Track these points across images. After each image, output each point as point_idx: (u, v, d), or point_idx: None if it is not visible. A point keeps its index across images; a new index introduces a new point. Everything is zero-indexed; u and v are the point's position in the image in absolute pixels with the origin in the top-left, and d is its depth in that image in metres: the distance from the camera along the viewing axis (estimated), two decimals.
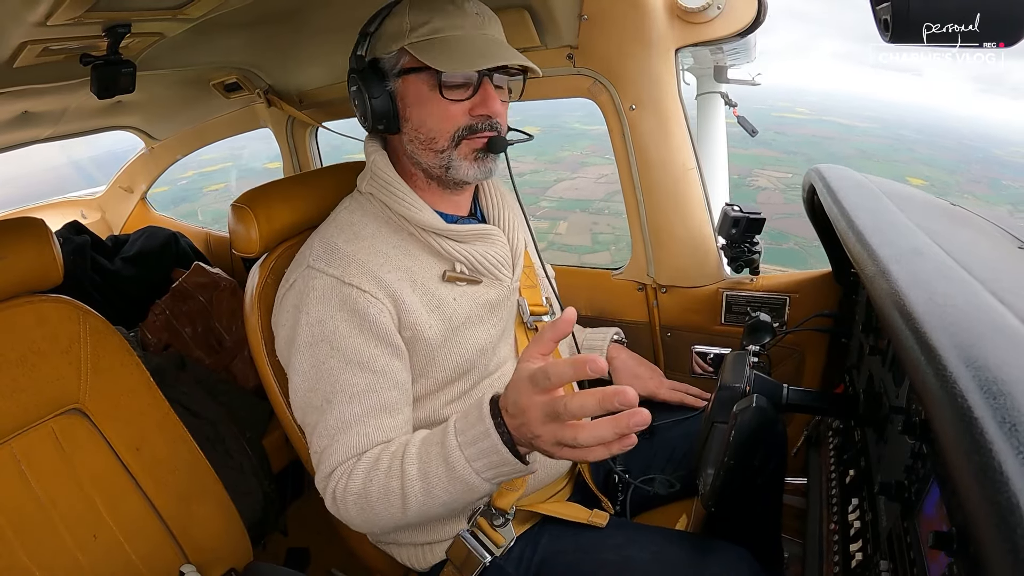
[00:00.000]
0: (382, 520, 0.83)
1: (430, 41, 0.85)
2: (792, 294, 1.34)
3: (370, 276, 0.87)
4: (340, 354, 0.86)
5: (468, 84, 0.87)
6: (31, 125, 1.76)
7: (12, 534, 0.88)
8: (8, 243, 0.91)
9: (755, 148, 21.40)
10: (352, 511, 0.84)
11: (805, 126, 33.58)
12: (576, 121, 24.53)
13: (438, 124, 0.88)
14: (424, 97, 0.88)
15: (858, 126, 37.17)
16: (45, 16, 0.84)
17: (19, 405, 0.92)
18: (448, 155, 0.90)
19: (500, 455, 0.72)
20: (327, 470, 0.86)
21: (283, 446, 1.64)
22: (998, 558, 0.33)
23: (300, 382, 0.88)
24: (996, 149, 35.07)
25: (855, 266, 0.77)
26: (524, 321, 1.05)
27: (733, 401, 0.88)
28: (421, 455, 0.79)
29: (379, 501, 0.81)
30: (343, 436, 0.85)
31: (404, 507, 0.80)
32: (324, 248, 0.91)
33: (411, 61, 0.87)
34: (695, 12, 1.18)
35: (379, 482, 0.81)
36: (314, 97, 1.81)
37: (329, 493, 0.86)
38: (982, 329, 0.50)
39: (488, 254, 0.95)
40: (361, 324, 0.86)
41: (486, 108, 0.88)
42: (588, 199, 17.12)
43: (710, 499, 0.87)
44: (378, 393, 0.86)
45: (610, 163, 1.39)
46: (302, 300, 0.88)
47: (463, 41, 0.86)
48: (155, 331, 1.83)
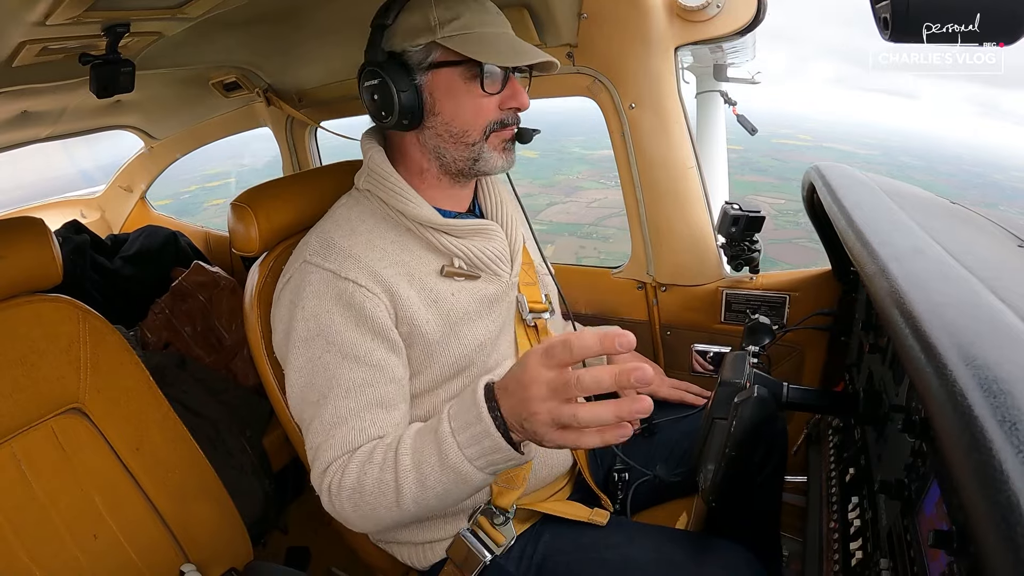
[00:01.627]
0: (377, 515, 0.81)
1: (465, 36, 0.86)
2: (792, 292, 1.34)
3: (366, 270, 0.87)
4: (336, 348, 0.85)
5: (498, 79, 0.89)
6: (30, 125, 1.75)
7: (12, 534, 0.88)
8: (8, 243, 0.91)
9: (750, 175, 21.56)
10: (347, 507, 0.82)
11: (805, 153, 33.77)
12: (576, 146, 24.57)
13: (472, 117, 0.89)
14: (458, 91, 0.89)
15: (859, 153, 37.38)
16: (44, 15, 0.84)
17: (19, 405, 0.92)
18: (479, 148, 0.91)
19: (492, 440, 0.69)
20: (322, 466, 0.84)
21: (283, 445, 1.63)
22: (998, 557, 0.33)
23: (296, 377, 0.88)
24: (997, 174, 35.23)
25: (855, 264, 0.77)
26: (523, 318, 1.05)
27: (733, 397, 0.88)
28: (415, 445, 0.77)
29: (373, 495, 0.79)
30: (338, 431, 0.84)
31: (398, 501, 0.78)
32: (321, 243, 0.90)
33: (444, 55, 0.87)
34: (695, 10, 1.18)
35: (373, 475, 0.79)
36: (313, 96, 1.81)
37: (324, 490, 0.84)
38: (982, 327, 0.50)
39: (486, 249, 0.95)
40: (357, 318, 0.86)
41: (516, 102, 0.91)
42: (578, 223, 17.24)
43: (711, 494, 0.87)
44: (374, 387, 0.86)
45: (604, 187, 1.40)
46: (298, 295, 0.88)
47: (495, 38, 0.88)
48: (155, 330, 1.83)
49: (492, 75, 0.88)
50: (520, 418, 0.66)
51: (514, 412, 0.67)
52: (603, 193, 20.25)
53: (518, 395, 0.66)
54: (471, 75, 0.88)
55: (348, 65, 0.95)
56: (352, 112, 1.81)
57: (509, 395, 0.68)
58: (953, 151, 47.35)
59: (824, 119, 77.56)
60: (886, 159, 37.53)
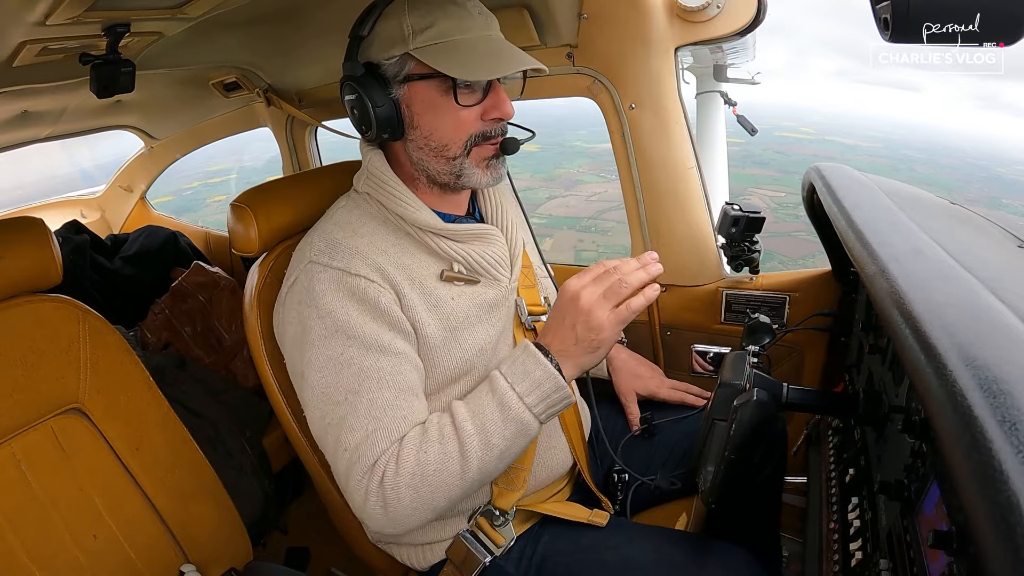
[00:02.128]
0: (437, 497, 0.79)
1: (438, 46, 0.83)
2: (792, 293, 1.34)
3: (373, 266, 0.86)
4: (358, 342, 0.83)
5: (477, 88, 0.86)
6: (30, 124, 1.75)
7: (12, 534, 0.88)
8: (8, 243, 0.91)
9: (752, 168, 21.58)
10: (405, 497, 0.78)
11: (807, 146, 33.80)
12: (578, 140, 24.52)
13: (451, 132, 0.87)
14: (435, 104, 0.86)
15: (861, 146, 37.38)
16: (44, 15, 0.84)
17: (19, 405, 0.92)
18: (460, 162, 0.89)
19: (553, 381, 0.80)
20: (369, 461, 0.79)
21: (283, 445, 1.63)
22: (998, 557, 0.33)
23: (318, 377, 0.84)
24: (1000, 167, 35.22)
25: (855, 265, 0.77)
26: (523, 321, 1.04)
27: (733, 399, 0.88)
28: (471, 409, 0.82)
29: (437, 472, 0.78)
30: (382, 422, 0.80)
31: (463, 470, 0.79)
32: (325, 243, 0.89)
33: (418, 67, 0.84)
34: (695, 11, 1.18)
35: (434, 451, 0.78)
36: (313, 96, 1.81)
37: (374, 487, 0.79)
38: (982, 328, 0.50)
39: (486, 254, 0.95)
40: (373, 311, 0.85)
41: (499, 112, 0.87)
42: (577, 216, 17.24)
43: (711, 495, 0.87)
44: (403, 375, 0.84)
45: (605, 181, 1.41)
46: (308, 295, 0.86)
47: (474, 45, 0.84)
48: (155, 330, 1.83)
49: (471, 85, 0.85)
50: (586, 338, 0.79)
51: (577, 339, 0.80)
52: (603, 187, 20.18)
53: (578, 320, 0.79)
54: (447, 87, 0.84)
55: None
56: None
57: (564, 329, 0.80)
58: (956, 144, 47.37)
59: (829, 112, 77.71)
60: (889, 152, 37.51)
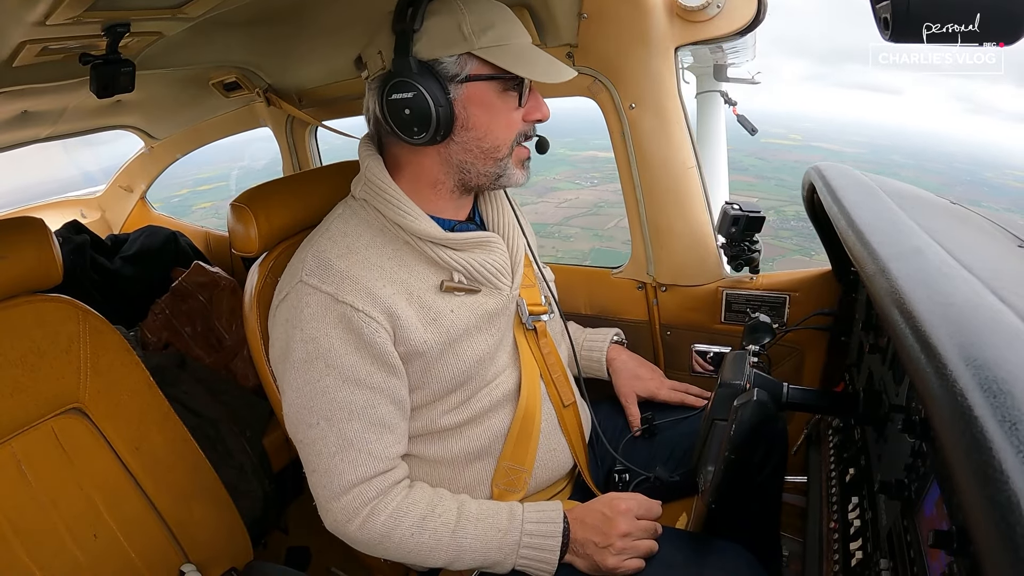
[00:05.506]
0: (391, 553, 0.91)
1: (502, 49, 0.84)
2: (792, 292, 1.34)
3: (364, 293, 0.85)
4: (336, 372, 0.85)
5: (518, 92, 0.88)
6: (30, 124, 1.75)
7: (12, 534, 0.88)
8: (8, 243, 0.91)
9: (731, 175, 21.98)
10: (372, 538, 0.89)
11: (792, 152, 33.88)
12: (563, 147, 24.54)
13: (503, 132, 0.88)
14: (492, 106, 0.86)
15: (847, 152, 37.45)
16: (44, 15, 0.84)
17: (19, 405, 0.92)
18: (505, 163, 0.90)
19: (551, 554, 0.90)
20: (336, 490, 0.87)
21: (283, 445, 1.64)
22: (998, 557, 0.33)
23: (294, 398, 0.88)
24: (987, 172, 35.19)
25: (855, 264, 0.77)
26: (523, 321, 1.04)
27: (733, 399, 0.88)
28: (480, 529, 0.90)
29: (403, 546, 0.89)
30: (346, 455, 0.86)
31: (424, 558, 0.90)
32: (317, 263, 0.88)
33: (480, 67, 0.84)
34: (695, 10, 1.18)
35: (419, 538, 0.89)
36: (314, 96, 1.81)
37: (341, 517, 0.88)
38: (982, 327, 0.50)
39: (487, 262, 0.94)
40: (357, 343, 0.85)
41: (540, 113, 0.90)
42: (543, 223, 17.49)
43: (711, 496, 0.87)
44: (375, 408, 0.87)
45: (578, 188, 1.40)
46: (295, 316, 0.86)
47: (525, 49, 0.87)
48: (155, 330, 1.83)
49: (519, 88, 0.87)
50: (593, 544, 0.89)
51: (588, 540, 0.89)
52: (575, 194, 20.41)
53: (602, 530, 0.89)
54: (505, 88, 0.86)
55: (349, 65, 0.94)
56: (353, 112, 1.80)
57: (589, 528, 0.90)
58: (943, 149, 47.33)
59: (819, 118, 77.80)
60: (875, 157, 37.54)
